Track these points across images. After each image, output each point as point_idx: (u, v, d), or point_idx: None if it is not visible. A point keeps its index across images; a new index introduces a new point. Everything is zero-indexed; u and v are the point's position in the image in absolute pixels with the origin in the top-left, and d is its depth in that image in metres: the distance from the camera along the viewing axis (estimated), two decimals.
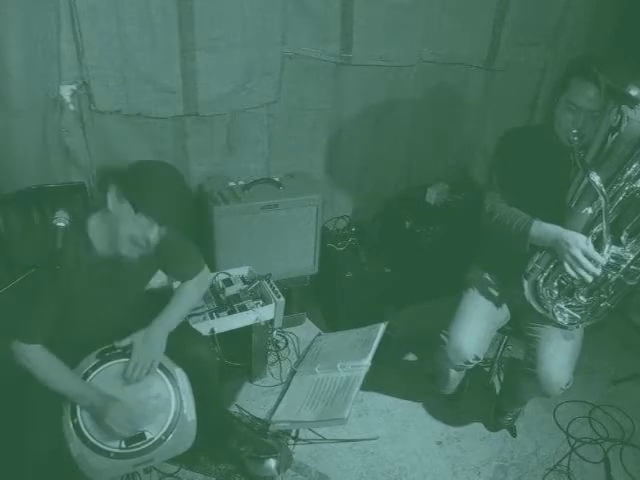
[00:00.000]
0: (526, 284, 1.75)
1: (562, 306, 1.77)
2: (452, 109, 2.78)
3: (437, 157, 2.91)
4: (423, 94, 2.66)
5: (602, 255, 1.60)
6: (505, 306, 1.96)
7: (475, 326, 1.87)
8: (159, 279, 1.90)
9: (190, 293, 1.79)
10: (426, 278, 2.73)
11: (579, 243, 1.58)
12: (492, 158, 1.90)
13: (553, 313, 1.76)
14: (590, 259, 1.57)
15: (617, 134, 1.44)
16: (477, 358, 1.85)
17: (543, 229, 1.66)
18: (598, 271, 1.59)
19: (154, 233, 1.45)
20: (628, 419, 2.31)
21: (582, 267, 1.58)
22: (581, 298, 1.75)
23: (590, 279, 1.61)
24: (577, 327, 1.80)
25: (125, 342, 1.62)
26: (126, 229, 1.43)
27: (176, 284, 1.90)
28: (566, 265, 1.61)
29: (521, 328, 1.96)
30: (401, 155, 2.82)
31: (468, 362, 1.85)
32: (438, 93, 2.69)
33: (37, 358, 1.48)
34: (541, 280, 1.72)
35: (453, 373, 2.03)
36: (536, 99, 2.87)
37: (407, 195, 2.88)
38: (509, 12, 2.55)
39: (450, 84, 2.69)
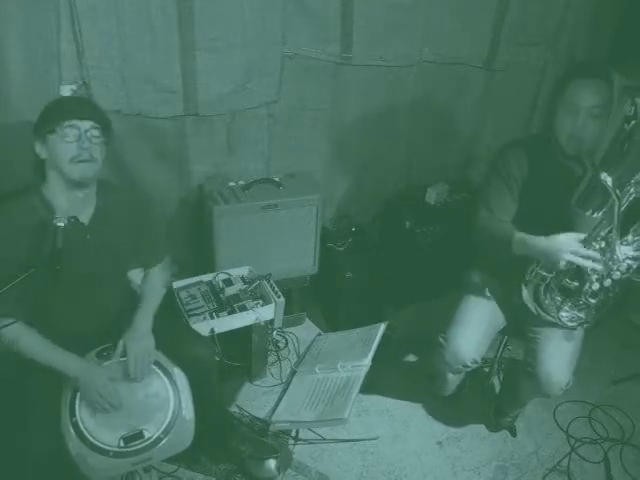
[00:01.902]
0: (525, 292, 1.74)
1: (567, 310, 1.75)
2: (452, 109, 2.79)
3: (437, 157, 2.90)
4: (423, 94, 2.66)
5: (617, 255, 1.56)
6: (504, 309, 1.95)
7: (473, 330, 1.86)
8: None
9: (158, 280, 1.83)
10: (426, 278, 2.73)
11: (570, 247, 1.56)
12: (487, 174, 1.88)
13: (559, 319, 1.75)
14: (586, 257, 1.55)
15: (634, 122, 1.41)
16: (475, 362, 1.85)
17: (526, 245, 1.65)
18: (599, 266, 1.56)
19: (83, 134, 1.43)
20: (628, 419, 2.31)
21: (586, 268, 1.58)
22: (590, 300, 1.72)
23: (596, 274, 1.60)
24: (584, 326, 1.79)
25: (119, 348, 1.62)
26: (63, 154, 1.43)
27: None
28: (563, 268, 1.60)
29: (521, 329, 1.95)
30: (401, 155, 2.82)
31: (466, 366, 1.84)
32: (438, 93, 2.69)
33: (16, 331, 1.49)
34: (542, 289, 1.71)
35: (451, 376, 2.02)
36: (536, 99, 2.87)
37: (407, 195, 2.88)
38: (509, 12, 2.55)
39: (450, 84, 2.69)
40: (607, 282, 1.63)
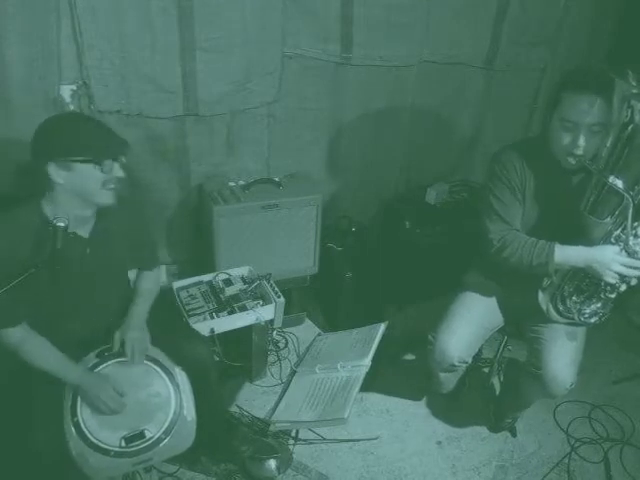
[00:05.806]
0: (541, 295, 1.73)
1: (589, 306, 1.74)
2: (452, 109, 2.79)
3: (437, 157, 2.91)
4: (423, 94, 2.66)
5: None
6: (503, 309, 1.94)
7: (464, 329, 1.84)
8: None
9: (153, 280, 1.83)
10: (426, 278, 2.72)
11: (615, 259, 1.54)
12: (486, 183, 1.80)
13: (580, 318, 1.74)
14: (633, 267, 1.54)
15: (633, 125, 1.38)
16: (464, 361, 1.83)
17: (569, 254, 1.62)
18: None
19: (115, 167, 1.47)
20: (628, 419, 2.31)
21: (630, 277, 1.57)
22: (609, 296, 1.70)
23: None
24: (602, 319, 1.76)
25: (117, 342, 1.63)
26: (96, 181, 1.45)
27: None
28: (611, 281, 1.59)
29: (522, 330, 1.94)
30: (401, 155, 2.82)
31: (454, 365, 1.83)
32: (438, 93, 2.69)
33: (18, 339, 1.48)
34: (559, 297, 1.71)
35: (443, 374, 2.00)
36: (536, 99, 2.88)
37: (407, 195, 2.88)
38: (509, 12, 2.56)
39: (450, 84, 2.69)
40: (634, 281, 1.60)
